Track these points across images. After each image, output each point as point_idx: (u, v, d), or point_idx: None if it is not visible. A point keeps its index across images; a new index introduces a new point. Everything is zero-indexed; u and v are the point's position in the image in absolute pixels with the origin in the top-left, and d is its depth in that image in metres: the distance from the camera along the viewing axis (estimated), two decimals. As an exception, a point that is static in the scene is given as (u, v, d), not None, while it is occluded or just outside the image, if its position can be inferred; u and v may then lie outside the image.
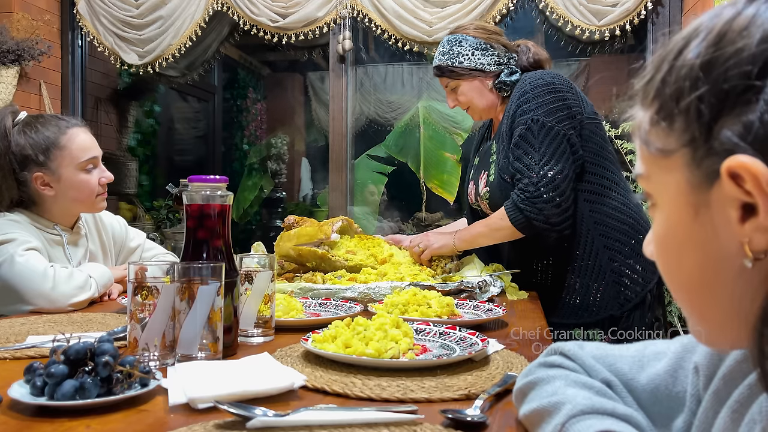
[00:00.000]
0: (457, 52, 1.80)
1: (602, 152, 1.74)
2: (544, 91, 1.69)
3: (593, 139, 1.72)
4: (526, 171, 1.64)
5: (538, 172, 1.62)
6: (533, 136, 1.65)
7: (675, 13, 3.20)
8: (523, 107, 1.69)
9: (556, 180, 1.61)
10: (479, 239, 1.76)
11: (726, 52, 0.43)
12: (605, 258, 1.68)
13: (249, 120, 6.39)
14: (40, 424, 0.70)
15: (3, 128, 1.59)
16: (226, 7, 3.61)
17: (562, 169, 1.62)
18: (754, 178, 0.41)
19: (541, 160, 1.63)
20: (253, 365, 0.88)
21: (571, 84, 1.75)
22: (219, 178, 1.04)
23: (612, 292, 1.68)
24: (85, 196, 1.64)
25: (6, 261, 1.45)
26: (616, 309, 1.67)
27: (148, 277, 0.94)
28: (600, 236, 1.69)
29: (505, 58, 1.82)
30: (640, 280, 1.68)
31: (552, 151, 1.63)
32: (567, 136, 1.66)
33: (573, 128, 1.67)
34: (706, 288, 0.47)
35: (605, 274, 1.68)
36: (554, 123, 1.65)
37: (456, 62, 1.80)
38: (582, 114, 1.71)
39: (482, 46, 1.80)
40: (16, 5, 3.60)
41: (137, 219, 4.50)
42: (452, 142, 4.70)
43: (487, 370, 0.91)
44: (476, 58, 1.79)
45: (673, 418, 0.61)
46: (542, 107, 1.67)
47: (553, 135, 1.64)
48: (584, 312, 1.70)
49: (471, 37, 1.81)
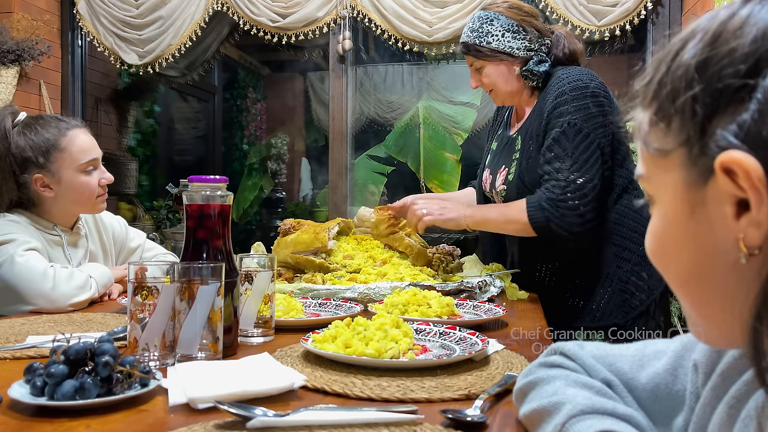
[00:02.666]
0: (487, 31, 1.70)
1: (623, 161, 1.69)
2: (583, 94, 1.62)
3: (620, 149, 1.67)
4: (555, 174, 1.59)
5: (567, 177, 1.57)
6: (568, 140, 1.60)
7: (675, 13, 3.20)
8: (560, 109, 1.63)
9: (585, 188, 1.57)
10: (489, 225, 1.71)
11: (720, 52, 0.44)
12: (613, 265, 1.65)
13: (249, 120, 6.39)
14: (40, 424, 0.70)
15: (3, 129, 1.59)
16: (226, 7, 3.61)
17: (591, 179, 1.58)
18: (746, 173, 0.41)
19: (573, 166, 1.58)
20: (253, 365, 0.88)
21: (607, 89, 1.69)
22: (219, 178, 1.04)
23: (617, 300, 1.64)
24: (86, 197, 1.64)
25: (6, 261, 1.45)
26: (621, 317, 1.64)
27: (148, 277, 0.94)
28: (612, 245, 1.65)
29: (536, 44, 1.72)
30: (645, 287, 1.64)
31: (585, 158, 1.58)
32: (601, 145, 1.61)
33: (606, 137, 1.62)
34: (701, 283, 0.48)
35: (612, 280, 1.65)
36: (590, 130, 1.60)
37: (484, 42, 1.70)
38: (614, 123, 1.64)
39: (514, 28, 1.70)
40: (16, 5, 3.60)
41: (137, 219, 4.50)
42: (452, 142, 4.71)
43: (487, 370, 0.91)
44: (506, 41, 1.70)
45: (674, 416, 0.61)
46: (580, 111, 1.61)
47: (588, 142, 1.59)
48: (587, 316, 1.67)
49: (504, 17, 1.71)
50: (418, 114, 4.82)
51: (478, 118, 5.10)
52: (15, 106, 1.70)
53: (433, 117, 4.82)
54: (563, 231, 1.57)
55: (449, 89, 5.29)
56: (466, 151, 4.66)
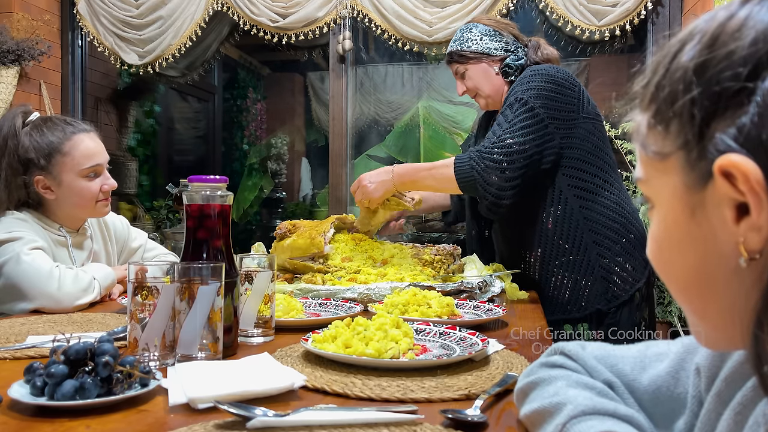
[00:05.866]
0: (467, 37, 1.85)
1: (598, 152, 1.74)
2: (543, 79, 1.70)
3: (590, 139, 1.72)
4: (491, 135, 1.67)
5: (499, 136, 1.64)
6: (512, 111, 1.68)
7: (675, 13, 3.20)
8: (515, 89, 1.72)
9: (511, 148, 1.62)
10: (421, 179, 1.74)
11: (718, 55, 0.43)
12: (594, 253, 1.69)
13: (249, 120, 6.39)
14: (40, 424, 0.70)
15: (13, 128, 1.59)
16: (226, 7, 3.61)
17: (522, 143, 1.63)
18: (745, 177, 0.41)
19: (508, 129, 1.65)
20: (253, 365, 0.88)
21: (576, 81, 1.76)
22: (219, 178, 1.04)
23: (600, 288, 1.69)
24: (85, 201, 1.64)
25: (12, 259, 1.44)
26: (603, 304, 1.68)
27: (148, 278, 0.93)
28: (590, 231, 1.70)
29: (512, 46, 1.85)
30: (629, 278, 1.69)
31: (522, 125, 1.65)
32: (545, 122, 1.66)
33: (558, 119, 1.68)
34: (702, 288, 0.48)
35: (594, 269, 1.69)
36: (537, 104, 1.66)
37: (465, 47, 1.84)
38: (578, 111, 1.71)
39: (491, 33, 1.84)
40: (16, 5, 3.60)
41: (137, 219, 4.50)
42: (452, 142, 4.71)
43: (487, 370, 0.91)
44: (484, 43, 1.83)
45: (675, 419, 0.61)
46: (532, 90, 1.68)
47: (531, 114, 1.66)
48: (573, 307, 1.71)
49: (481, 25, 1.86)
50: (418, 114, 4.83)
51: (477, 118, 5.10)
52: (29, 106, 1.70)
53: (433, 117, 4.83)
54: (483, 183, 1.62)
55: (449, 89, 5.29)
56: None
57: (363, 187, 1.75)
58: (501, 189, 1.62)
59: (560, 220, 1.71)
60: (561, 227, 1.71)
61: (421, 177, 1.74)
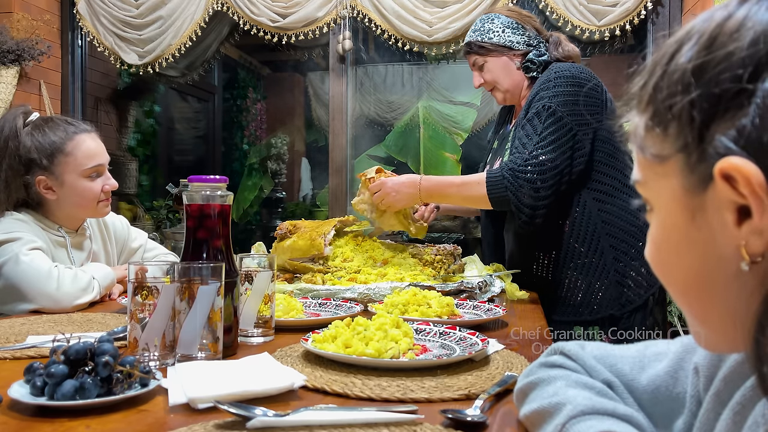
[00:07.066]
0: (488, 28, 1.80)
1: (617, 154, 1.71)
2: (567, 82, 1.67)
3: (611, 140, 1.70)
4: (521, 148, 1.64)
5: (531, 152, 1.62)
6: (540, 121, 1.65)
7: (675, 13, 3.20)
8: (541, 93, 1.68)
9: (544, 165, 1.60)
10: (449, 195, 1.73)
11: (717, 56, 0.43)
12: (610, 257, 1.67)
13: (249, 120, 6.39)
14: (40, 424, 0.70)
15: (14, 128, 1.59)
16: (226, 7, 3.61)
17: (554, 159, 1.61)
18: (746, 179, 0.40)
19: (539, 143, 1.62)
20: (253, 365, 0.88)
21: (599, 81, 1.73)
22: (219, 178, 1.04)
23: (614, 293, 1.66)
24: (87, 202, 1.64)
25: (11, 259, 1.44)
26: (617, 309, 1.66)
27: (148, 277, 0.93)
28: (606, 235, 1.68)
29: (535, 41, 1.81)
30: (644, 283, 1.66)
31: (552, 138, 1.62)
32: (574, 131, 1.64)
33: (584, 125, 1.65)
34: (702, 291, 0.47)
35: (609, 273, 1.66)
36: (565, 114, 1.64)
37: (486, 38, 1.80)
38: (601, 114, 1.68)
39: (514, 25, 1.80)
40: (16, 5, 3.60)
41: (137, 219, 4.50)
42: (452, 142, 4.71)
43: (487, 370, 0.91)
44: (506, 35, 1.79)
45: (674, 419, 0.61)
46: (559, 96, 1.65)
47: (560, 125, 1.63)
48: (584, 310, 1.69)
49: (504, 16, 1.82)
50: (418, 114, 4.83)
51: (478, 118, 5.10)
52: (29, 106, 1.70)
53: (433, 117, 4.83)
54: (516, 202, 1.61)
55: (449, 89, 5.30)
56: (466, 151, 4.66)
57: (386, 194, 1.74)
58: (534, 208, 1.60)
59: (577, 223, 1.69)
60: (578, 230, 1.69)
61: (450, 193, 1.73)
